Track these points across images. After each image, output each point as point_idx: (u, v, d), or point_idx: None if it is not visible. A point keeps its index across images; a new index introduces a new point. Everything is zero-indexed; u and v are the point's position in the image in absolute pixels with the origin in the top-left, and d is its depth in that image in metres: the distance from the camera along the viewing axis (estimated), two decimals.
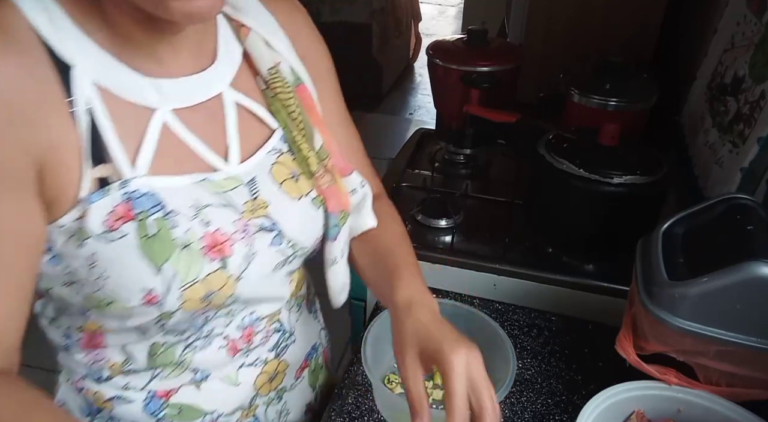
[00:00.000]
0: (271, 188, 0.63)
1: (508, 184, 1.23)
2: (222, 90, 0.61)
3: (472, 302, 0.98)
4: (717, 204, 0.74)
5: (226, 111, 0.61)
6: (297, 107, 0.64)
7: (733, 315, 0.63)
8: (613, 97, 1.10)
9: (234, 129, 0.61)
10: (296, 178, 0.65)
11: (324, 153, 0.66)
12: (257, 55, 0.63)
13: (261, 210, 0.62)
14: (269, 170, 0.63)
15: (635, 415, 0.70)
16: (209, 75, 0.60)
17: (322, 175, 0.66)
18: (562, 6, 1.41)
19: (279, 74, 0.63)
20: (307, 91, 0.66)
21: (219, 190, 0.59)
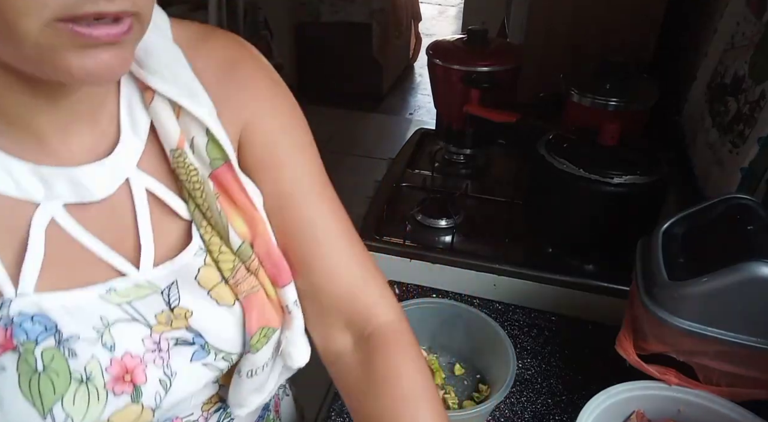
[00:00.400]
0: (197, 295, 0.51)
1: (508, 184, 1.23)
2: (128, 175, 0.48)
3: (472, 302, 0.98)
4: (717, 204, 0.74)
5: (135, 201, 0.49)
6: (205, 198, 0.50)
7: (733, 315, 0.63)
8: (613, 97, 1.10)
9: (146, 224, 0.49)
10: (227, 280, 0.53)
11: (245, 253, 0.52)
12: (162, 130, 0.49)
13: (179, 321, 0.50)
14: (194, 275, 0.51)
15: (635, 415, 0.70)
16: (114, 160, 0.47)
17: (242, 279, 0.52)
18: (562, 6, 1.41)
19: (183, 158, 0.49)
20: (231, 174, 0.50)
21: (124, 301, 0.48)
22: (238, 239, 0.51)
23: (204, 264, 0.51)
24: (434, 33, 5.03)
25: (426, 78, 1.44)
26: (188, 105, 0.48)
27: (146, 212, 0.49)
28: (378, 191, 1.21)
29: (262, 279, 0.53)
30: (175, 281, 0.50)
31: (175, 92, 0.48)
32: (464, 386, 0.84)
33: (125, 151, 0.48)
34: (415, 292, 1.00)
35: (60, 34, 0.36)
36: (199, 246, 0.51)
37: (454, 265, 1.03)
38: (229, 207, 0.51)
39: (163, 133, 0.49)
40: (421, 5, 4.52)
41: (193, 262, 0.50)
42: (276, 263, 0.54)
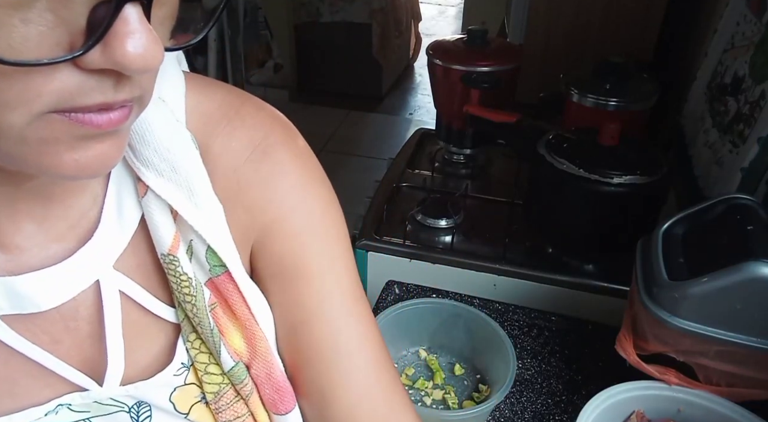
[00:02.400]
0: (172, 416, 0.44)
1: (508, 184, 1.23)
2: (100, 276, 0.40)
3: (472, 302, 0.98)
4: (717, 204, 0.74)
5: (104, 307, 0.40)
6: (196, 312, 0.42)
7: (733, 315, 0.63)
8: (613, 97, 1.10)
9: (116, 334, 0.40)
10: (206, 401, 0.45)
11: (239, 375, 0.44)
12: (153, 230, 0.40)
13: None
14: (169, 396, 0.43)
15: (635, 415, 0.70)
16: (80, 260, 0.39)
17: (226, 406, 0.44)
18: (562, 6, 1.41)
19: (174, 265, 0.41)
20: (229, 285, 0.42)
21: (81, 418, 0.41)
22: (231, 360, 0.43)
23: (183, 384, 0.43)
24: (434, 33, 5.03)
25: (426, 78, 1.44)
26: (183, 209, 0.39)
27: (117, 320, 0.40)
28: (378, 191, 1.21)
29: (253, 407, 0.45)
30: (147, 402, 0.42)
31: (169, 191, 0.39)
32: (464, 386, 0.84)
33: (100, 248, 0.39)
34: (415, 292, 1.00)
35: (53, 126, 0.29)
36: (181, 363, 0.43)
37: (454, 265, 1.03)
38: (227, 320, 0.43)
39: (154, 234, 0.40)
40: (421, 5, 4.51)
41: (170, 381, 0.43)
42: (278, 387, 0.45)
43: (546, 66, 1.40)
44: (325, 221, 0.47)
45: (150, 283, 0.42)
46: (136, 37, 0.27)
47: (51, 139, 0.29)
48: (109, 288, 0.40)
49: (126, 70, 0.28)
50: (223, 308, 0.43)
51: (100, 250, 0.39)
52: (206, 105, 0.42)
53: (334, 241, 0.47)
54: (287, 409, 0.46)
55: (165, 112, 0.40)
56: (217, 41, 2.52)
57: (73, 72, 0.27)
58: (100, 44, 0.26)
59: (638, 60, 1.33)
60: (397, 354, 0.87)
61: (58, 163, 0.30)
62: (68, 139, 0.30)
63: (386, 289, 1.01)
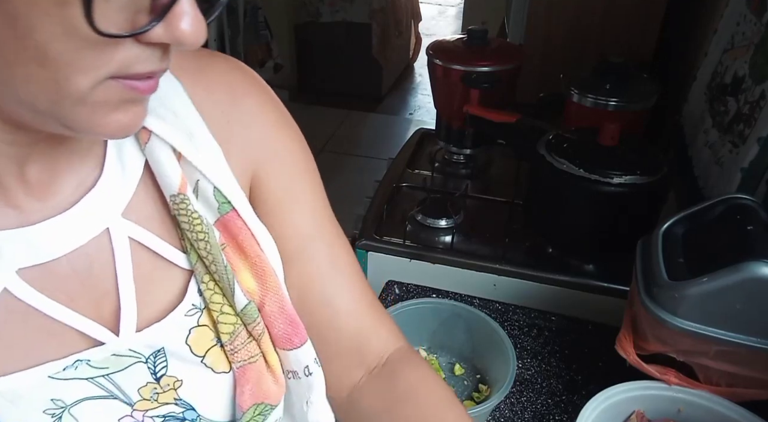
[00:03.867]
0: (188, 362, 0.45)
1: (508, 184, 1.23)
2: (109, 224, 0.41)
3: (472, 302, 0.98)
4: (717, 204, 0.74)
5: (116, 254, 0.42)
6: (210, 250, 0.44)
7: (733, 315, 0.63)
8: (613, 97, 1.10)
9: (129, 281, 0.42)
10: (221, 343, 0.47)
11: (251, 314, 0.46)
12: (160, 173, 0.43)
13: (167, 393, 0.44)
14: (185, 338, 0.44)
15: (635, 415, 0.70)
16: (85, 208, 0.41)
17: (241, 346, 0.46)
18: (562, 6, 1.41)
19: (185, 204, 0.43)
20: (239, 222, 0.45)
21: (99, 374, 0.42)
22: (244, 298, 0.45)
23: (197, 325, 0.45)
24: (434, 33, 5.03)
25: (426, 78, 1.44)
26: (187, 150, 0.42)
27: (128, 266, 0.42)
28: (378, 191, 1.21)
29: (264, 347, 0.47)
30: (162, 348, 0.44)
31: (172, 134, 0.42)
32: (464, 386, 0.84)
33: (105, 198, 0.41)
34: (415, 292, 1.00)
35: (108, 90, 0.33)
36: (192, 304, 0.45)
37: (454, 265, 1.03)
38: (238, 259, 0.45)
39: (161, 177, 0.43)
40: (421, 5, 4.51)
41: (183, 323, 0.44)
42: (291, 320, 0.48)
43: (546, 66, 1.40)
44: (305, 156, 0.53)
45: (160, 230, 0.44)
46: (190, 17, 0.32)
47: (104, 101, 0.33)
48: (119, 235, 0.42)
49: (180, 45, 0.33)
50: (233, 247, 0.45)
51: (106, 198, 0.42)
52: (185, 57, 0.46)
53: (315, 175, 0.54)
54: (301, 341, 0.48)
55: None
56: (217, 41, 2.52)
57: (133, 44, 0.32)
58: (162, 22, 0.31)
59: (638, 60, 1.33)
60: None
61: (105, 123, 0.34)
62: (117, 102, 0.34)
63: (386, 289, 1.01)
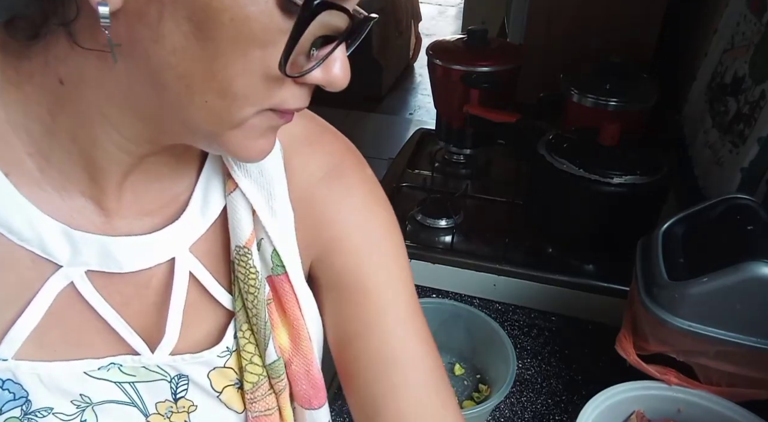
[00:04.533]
0: (206, 392, 0.48)
1: (508, 184, 1.23)
2: (176, 254, 0.45)
3: (472, 302, 0.98)
4: (717, 204, 0.74)
5: (175, 283, 0.45)
6: (255, 304, 0.46)
7: (733, 315, 0.63)
8: (613, 97, 1.10)
9: (179, 309, 0.45)
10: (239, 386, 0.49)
11: (278, 370, 0.48)
12: (233, 224, 0.46)
13: (180, 414, 0.47)
14: (207, 373, 0.47)
15: (635, 415, 0.70)
16: (163, 237, 0.44)
17: (261, 397, 0.49)
18: (562, 6, 1.41)
19: (247, 257, 0.46)
20: (287, 286, 0.47)
21: (127, 380, 0.45)
22: (275, 354, 0.48)
23: (223, 366, 0.48)
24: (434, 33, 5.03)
25: (426, 78, 1.44)
26: (261, 211, 0.46)
27: (182, 297, 0.45)
28: None
29: (282, 403, 0.50)
30: (187, 375, 0.47)
31: (254, 191, 0.46)
32: (464, 386, 0.84)
33: (182, 231, 0.45)
34: None
35: (264, 119, 0.38)
36: (227, 347, 0.48)
37: (454, 265, 1.03)
38: (278, 317, 0.48)
39: (234, 227, 0.46)
40: (421, 5, 4.51)
41: (213, 361, 0.47)
42: (314, 383, 0.50)
43: (546, 66, 1.40)
44: (386, 241, 0.51)
45: (216, 270, 0.47)
46: (341, 62, 0.37)
47: (256, 128, 0.38)
48: (182, 267, 0.45)
49: (331, 87, 0.38)
50: (276, 305, 0.48)
51: (182, 232, 0.45)
52: (292, 127, 0.46)
53: (393, 260, 0.51)
54: (320, 404, 0.50)
55: None
56: None
57: (293, 84, 0.37)
58: (322, 66, 0.36)
59: (638, 60, 1.33)
60: None
61: (251, 146, 0.39)
62: (264, 129, 0.39)
63: None
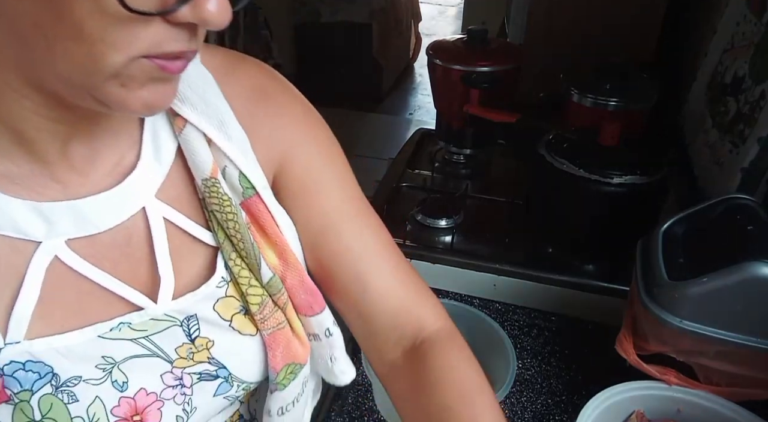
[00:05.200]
0: (217, 325, 0.50)
1: (508, 184, 1.23)
2: (144, 203, 0.46)
3: (472, 302, 0.98)
4: (717, 204, 0.74)
5: (152, 231, 0.46)
6: (238, 229, 0.48)
7: (733, 315, 0.63)
8: (613, 97, 1.10)
9: (165, 255, 0.47)
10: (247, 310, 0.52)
11: (275, 286, 0.51)
12: (193, 159, 0.47)
13: (201, 353, 0.49)
14: (213, 306, 0.49)
15: (635, 415, 0.70)
16: (127, 188, 0.45)
17: (269, 314, 0.51)
18: (562, 6, 1.41)
19: (216, 187, 0.47)
20: (261, 205, 0.50)
21: (141, 335, 0.46)
22: (269, 272, 0.50)
23: (225, 296, 0.50)
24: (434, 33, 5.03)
25: (426, 78, 1.44)
26: (217, 139, 0.47)
27: (164, 242, 0.47)
28: (378, 191, 1.21)
29: (289, 314, 0.53)
30: (195, 314, 0.48)
31: (205, 123, 0.47)
32: None
33: (142, 179, 0.46)
34: None
35: (142, 68, 0.35)
36: (222, 277, 0.50)
37: (454, 265, 1.03)
38: (260, 238, 0.50)
39: (194, 162, 0.47)
40: (421, 5, 4.52)
41: (213, 293, 0.49)
42: (311, 290, 0.53)
43: (546, 66, 1.40)
44: (331, 148, 0.56)
45: (189, 210, 0.49)
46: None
47: (134, 78, 0.36)
48: (155, 214, 0.46)
49: (206, 25, 0.35)
50: (256, 227, 0.50)
51: (143, 181, 0.46)
52: (216, 58, 0.50)
53: (340, 160, 0.57)
54: (320, 308, 0.54)
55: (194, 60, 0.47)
56: (217, 41, 2.52)
57: (162, 24, 0.34)
58: (190, 3, 0.33)
59: (638, 60, 1.33)
60: None
61: (133, 99, 0.37)
62: (145, 80, 0.36)
63: None
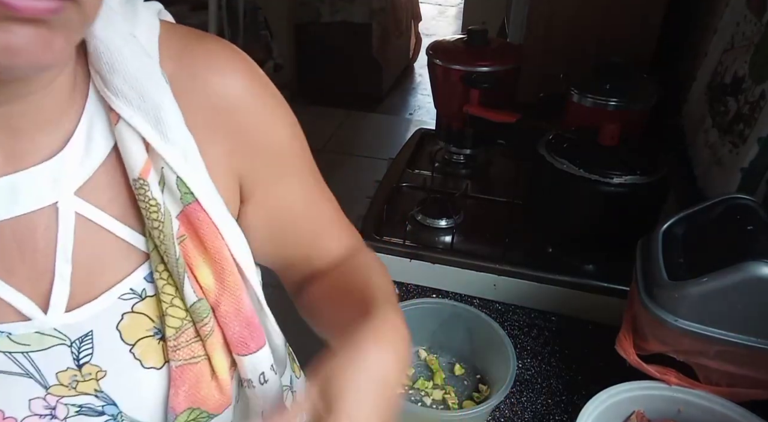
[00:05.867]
0: (117, 350, 0.43)
1: (508, 184, 1.23)
2: (59, 198, 0.41)
3: (472, 302, 0.98)
4: (717, 204, 0.74)
5: (59, 229, 0.41)
6: (162, 239, 0.43)
7: (733, 315, 0.63)
8: (613, 97, 1.10)
9: (67, 257, 0.41)
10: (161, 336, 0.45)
11: (201, 312, 0.44)
12: (126, 155, 0.42)
13: (88, 383, 0.42)
14: (116, 324, 0.43)
15: (635, 415, 0.70)
16: (29, 176, 0.39)
17: (184, 344, 0.45)
18: (562, 6, 1.41)
19: (144, 190, 0.42)
20: (201, 214, 0.44)
21: (19, 350, 0.40)
22: (194, 295, 0.44)
23: (131, 311, 0.43)
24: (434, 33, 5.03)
25: (426, 78, 1.44)
26: (152, 138, 0.41)
27: (68, 245, 0.41)
28: (378, 191, 1.21)
29: (210, 349, 0.46)
30: (90, 331, 0.42)
31: (140, 120, 0.41)
32: (464, 386, 0.84)
33: (61, 171, 0.40)
34: (415, 292, 1.00)
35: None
36: (131, 289, 0.43)
37: (454, 265, 1.03)
38: (197, 253, 0.44)
39: (127, 159, 0.42)
40: (421, 5, 4.51)
41: (116, 307, 0.43)
42: (248, 322, 0.46)
43: (546, 66, 1.40)
44: (296, 136, 0.53)
45: (121, 213, 0.43)
46: None
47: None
48: (66, 211, 0.41)
49: None
50: (194, 241, 0.44)
51: (62, 173, 0.41)
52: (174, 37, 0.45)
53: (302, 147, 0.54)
54: (258, 346, 0.47)
55: (135, 45, 0.43)
56: None
57: None
58: None
59: (638, 60, 1.33)
60: None
61: None
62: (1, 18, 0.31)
63: None
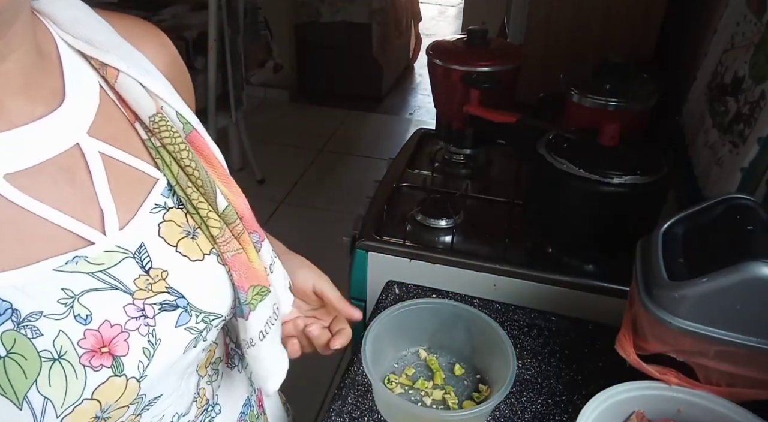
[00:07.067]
0: (167, 252, 0.50)
1: (508, 184, 1.23)
2: (78, 140, 0.47)
3: (472, 302, 0.98)
4: (717, 204, 0.74)
5: (90, 165, 0.47)
6: (192, 160, 0.51)
7: (733, 315, 0.63)
8: (613, 97, 1.10)
9: (105, 187, 0.48)
10: (192, 235, 0.52)
11: (230, 216, 0.53)
12: (134, 101, 0.50)
13: (158, 283, 0.50)
14: (158, 231, 0.50)
15: (635, 415, 0.70)
16: (55, 121, 0.46)
17: (227, 240, 0.53)
18: (562, 6, 1.41)
19: (165, 121, 0.50)
20: (201, 140, 0.52)
21: (98, 269, 0.46)
22: (224, 201, 0.52)
23: (163, 220, 0.51)
24: (434, 33, 5.03)
25: (426, 78, 1.45)
26: (148, 82, 0.49)
27: (103, 175, 0.48)
28: (378, 191, 1.21)
29: (244, 244, 0.54)
30: (142, 243, 0.49)
31: (134, 71, 0.49)
32: (464, 386, 0.84)
33: (72, 112, 0.47)
34: (415, 292, 1.00)
35: None
36: (155, 204, 0.51)
37: (454, 265, 1.03)
38: (208, 168, 0.53)
39: (138, 103, 0.50)
40: (421, 5, 4.52)
41: (152, 220, 0.50)
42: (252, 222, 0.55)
43: (546, 66, 1.40)
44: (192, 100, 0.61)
45: (128, 148, 0.50)
46: None
47: None
48: (90, 149, 0.48)
49: None
50: (202, 159, 0.52)
51: (72, 117, 0.47)
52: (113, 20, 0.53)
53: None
54: (261, 239, 0.57)
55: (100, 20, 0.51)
56: (217, 41, 2.52)
57: None
58: None
59: (638, 60, 1.33)
60: (397, 354, 0.87)
61: None
62: None
63: (386, 289, 1.01)
